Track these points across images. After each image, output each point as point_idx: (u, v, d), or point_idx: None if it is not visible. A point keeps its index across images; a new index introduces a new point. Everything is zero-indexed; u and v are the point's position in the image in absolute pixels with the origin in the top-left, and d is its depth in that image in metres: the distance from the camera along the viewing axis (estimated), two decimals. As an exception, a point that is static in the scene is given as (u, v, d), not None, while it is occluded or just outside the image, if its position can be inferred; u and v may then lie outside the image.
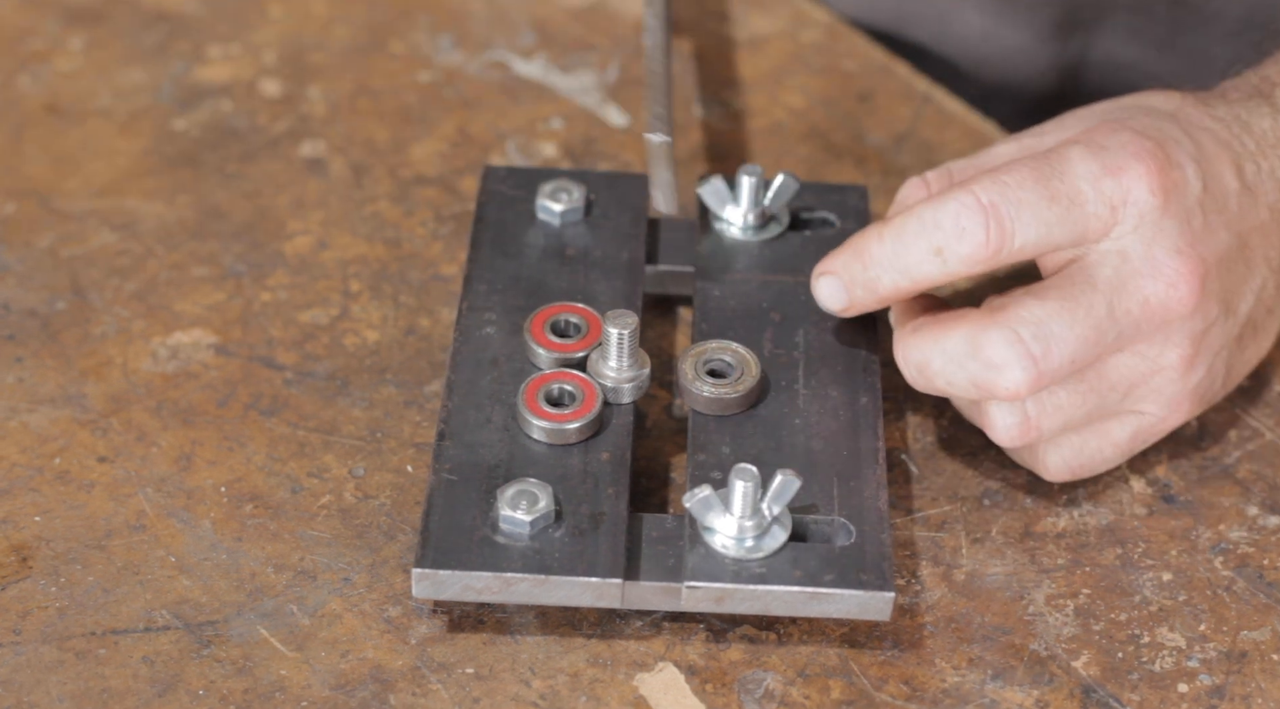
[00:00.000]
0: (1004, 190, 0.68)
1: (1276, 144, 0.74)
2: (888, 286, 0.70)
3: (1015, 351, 0.68)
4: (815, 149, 0.90)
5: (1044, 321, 0.68)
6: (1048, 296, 0.69)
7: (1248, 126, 0.74)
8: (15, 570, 0.71)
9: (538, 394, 0.72)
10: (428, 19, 0.96)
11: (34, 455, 0.75)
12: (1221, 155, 0.72)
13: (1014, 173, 0.69)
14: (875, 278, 0.70)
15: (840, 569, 0.67)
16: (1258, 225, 0.72)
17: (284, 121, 0.90)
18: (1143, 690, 0.69)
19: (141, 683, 0.68)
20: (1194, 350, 0.71)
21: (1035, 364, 0.68)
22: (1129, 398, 0.71)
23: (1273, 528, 0.74)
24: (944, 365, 0.69)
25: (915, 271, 0.69)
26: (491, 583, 0.67)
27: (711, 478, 0.70)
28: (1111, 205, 0.69)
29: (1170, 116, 0.73)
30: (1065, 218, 0.69)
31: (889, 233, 0.69)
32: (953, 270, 0.69)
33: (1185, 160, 0.71)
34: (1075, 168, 0.69)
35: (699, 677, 0.69)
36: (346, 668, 0.69)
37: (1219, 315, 0.71)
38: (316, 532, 0.73)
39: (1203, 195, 0.71)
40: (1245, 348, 0.74)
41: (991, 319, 0.69)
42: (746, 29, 0.97)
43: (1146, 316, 0.69)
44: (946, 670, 0.69)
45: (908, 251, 0.69)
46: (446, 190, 0.87)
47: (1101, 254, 0.69)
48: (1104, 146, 0.69)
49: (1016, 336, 0.68)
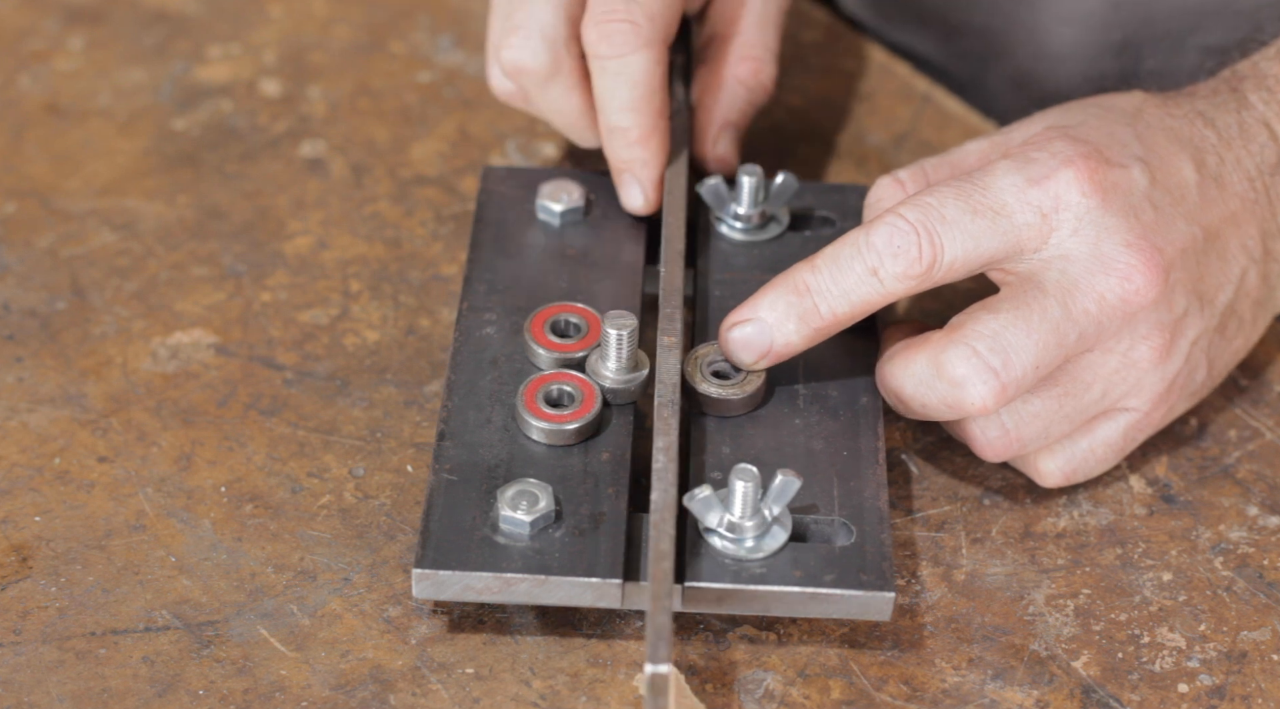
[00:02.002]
0: (929, 209, 0.70)
1: (1241, 136, 0.75)
2: (825, 314, 0.71)
3: (974, 365, 0.69)
4: (815, 149, 0.90)
5: (999, 333, 0.69)
6: (1000, 309, 0.70)
7: (1211, 121, 0.75)
8: (15, 570, 0.71)
9: (537, 395, 0.72)
10: (428, 19, 0.96)
11: (34, 455, 0.75)
12: (1176, 151, 0.73)
13: (938, 193, 0.70)
14: (812, 307, 0.71)
15: (840, 569, 0.67)
16: (1228, 215, 0.73)
17: (284, 121, 0.90)
18: (1143, 690, 0.69)
19: (141, 683, 0.68)
20: (1166, 341, 0.71)
21: (996, 376, 0.69)
22: (1108, 396, 0.72)
23: (1273, 528, 0.74)
24: (915, 389, 0.71)
25: (854, 294, 0.70)
26: (491, 583, 0.67)
27: (712, 478, 0.70)
28: (1042, 213, 0.70)
29: (1128, 117, 0.74)
30: (992, 230, 0.70)
31: (823, 261, 0.71)
32: (889, 289, 0.70)
33: (1127, 159, 0.72)
34: (999, 182, 0.70)
35: (699, 677, 0.69)
36: (346, 668, 0.69)
37: (1190, 306, 0.72)
38: (316, 532, 0.73)
39: (1150, 190, 0.71)
40: (1231, 339, 0.74)
41: (949, 338, 0.70)
42: (746, 29, 0.97)
43: (1106, 312, 0.70)
44: (946, 670, 0.69)
45: (845, 275, 0.70)
46: (446, 190, 0.87)
47: (1045, 261, 0.70)
48: (1031, 158, 0.71)
49: (973, 351, 0.69)
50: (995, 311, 0.70)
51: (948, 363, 0.69)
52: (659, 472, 0.68)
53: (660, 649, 0.62)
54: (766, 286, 0.72)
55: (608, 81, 0.77)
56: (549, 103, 0.80)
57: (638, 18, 0.76)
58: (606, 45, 0.76)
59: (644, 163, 0.78)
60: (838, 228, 0.81)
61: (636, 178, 0.79)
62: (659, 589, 0.64)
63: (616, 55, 0.76)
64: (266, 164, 0.88)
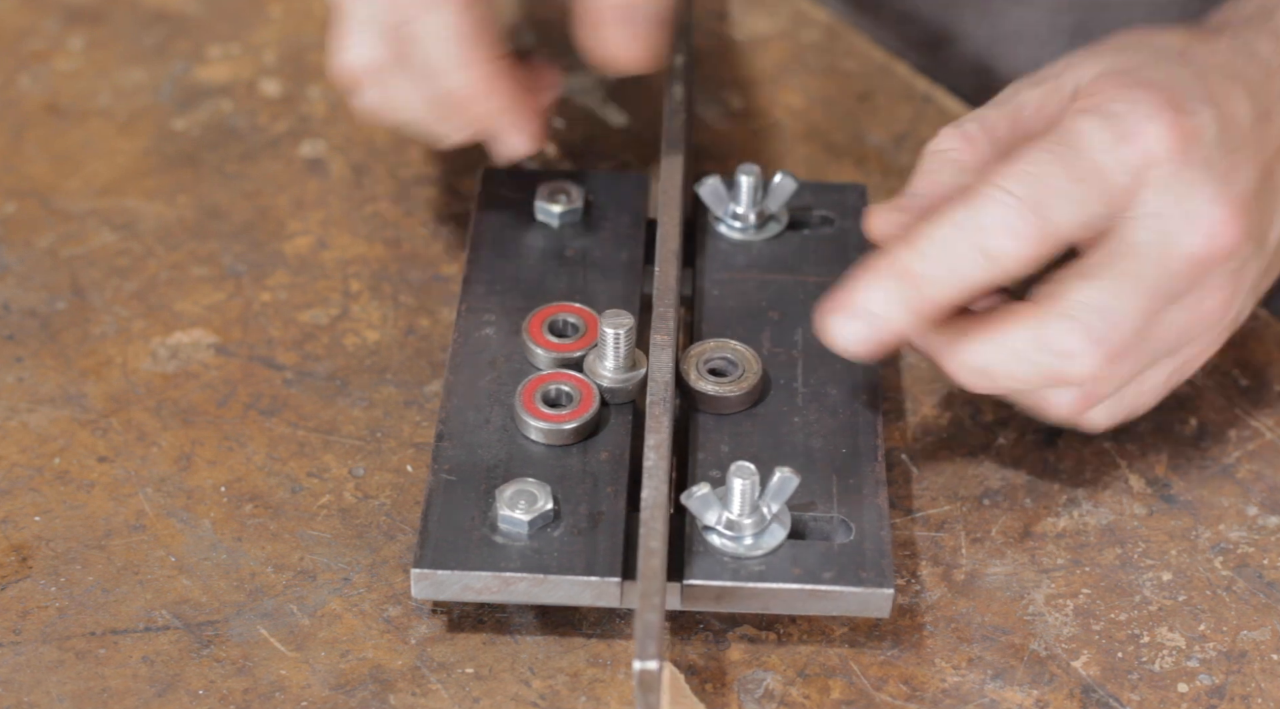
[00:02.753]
0: (1034, 181, 0.67)
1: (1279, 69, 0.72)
2: (936, 300, 0.68)
3: (1081, 338, 0.67)
4: (815, 149, 0.90)
5: (1101, 302, 0.67)
6: (1097, 276, 0.67)
7: (1252, 54, 0.72)
8: (15, 570, 0.71)
9: (535, 395, 0.72)
10: (428, 19, 0.96)
11: (34, 455, 0.75)
12: (1231, 89, 0.70)
13: (1034, 161, 0.67)
14: (925, 296, 0.67)
15: (839, 566, 0.67)
16: (1276, 151, 0.71)
17: (284, 121, 0.90)
18: (1142, 690, 0.69)
19: (141, 683, 0.68)
20: (1232, 290, 0.69)
21: (1101, 345, 0.67)
22: (1171, 347, 0.70)
23: (1272, 528, 0.74)
24: (1012, 364, 0.68)
25: (966, 277, 0.67)
26: (490, 583, 0.67)
27: (710, 476, 0.70)
28: (1133, 171, 0.67)
29: (1179, 56, 0.71)
30: (1093, 194, 0.67)
31: (927, 244, 0.67)
32: (1004, 270, 0.67)
33: (1198, 106, 0.69)
34: (1089, 141, 0.67)
35: (699, 676, 0.69)
36: (346, 668, 0.69)
37: (1253, 250, 0.70)
38: (316, 531, 0.73)
39: (1220, 135, 0.69)
40: (1270, 274, 0.73)
41: (1050, 310, 0.67)
42: (746, 29, 0.97)
43: (1192, 269, 0.68)
44: (946, 670, 0.69)
45: (953, 257, 0.67)
46: (446, 190, 0.87)
47: (1135, 220, 0.68)
48: (1114, 113, 0.68)
49: (1079, 323, 0.67)
50: (1092, 279, 0.67)
51: (1053, 336, 0.67)
52: (650, 469, 0.68)
53: (649, 645, 0.62)
54: (866, 275, 0.68)
55: (424, 49, 0.73)
56: (400, 98, 0.75)
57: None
58: (405, 10, 0.72)
59: (497, 114, 0.75)
60: (837, 227, 0.81)
61: (500, 130, 0.75)
62: (648, 586, 0.64)
63: (416, 18, 0.73)
64: (266, 164, 0.88)
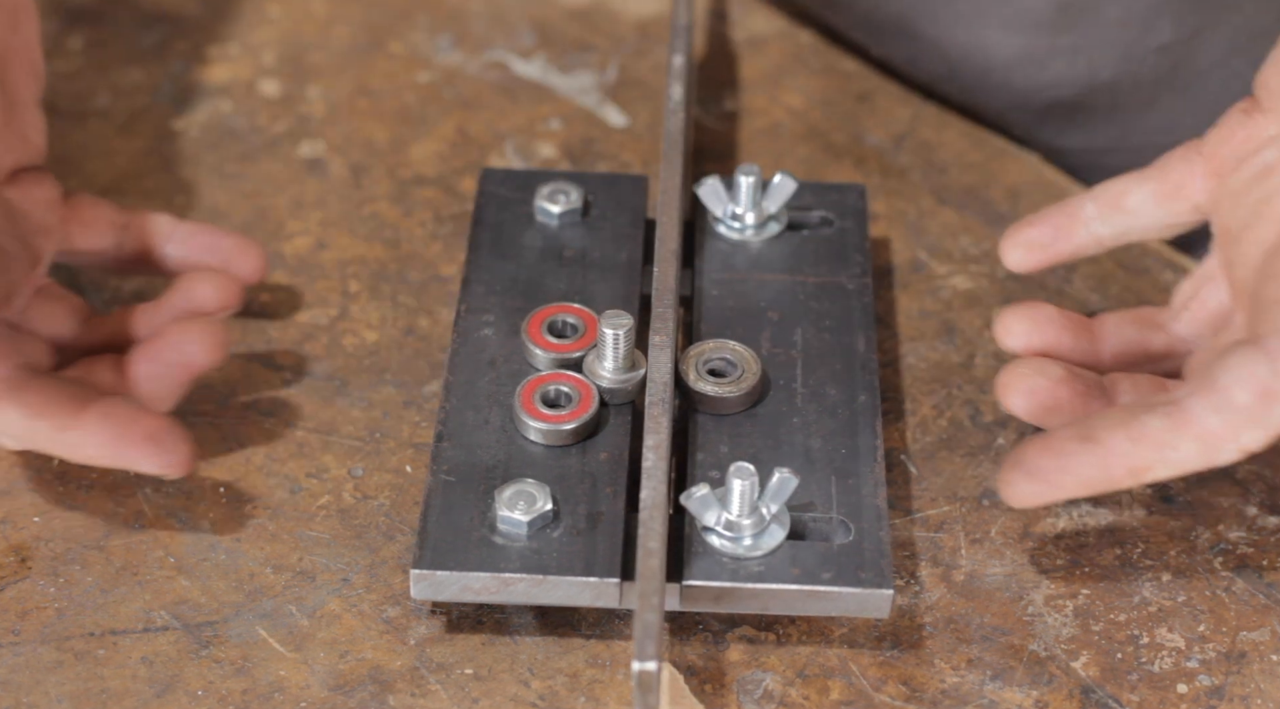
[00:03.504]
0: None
1: None
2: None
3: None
4: (814, 149, 0.90)
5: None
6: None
7: None
8: (14, 571, 0.71)
9: (534, 395, 0.72)
10: (427, 19, 0.96)
11: (33, 455, 0.75)
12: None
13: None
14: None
15: (838, 567, 0.67)
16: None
17: (283, 122, 0.90)
18: (1142, 691, 0.69)
19: (140, 683, 0.68)
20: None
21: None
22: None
23: (1272, 528, 0.74)
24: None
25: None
26: (490, 583, 0.67)
27: (710, 477, 0.70)
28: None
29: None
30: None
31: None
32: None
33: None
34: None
35: (698, 677, 0.69)
36: (345, 668, 0.69)
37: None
38: (315, 532, 0.73)
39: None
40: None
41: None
42: (745, 29, 0.97)
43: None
44: (946, 671, 0.69)
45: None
46: (445, 191, 0.87)
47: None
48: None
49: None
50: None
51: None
52: (648, 470, 0.68)
53: (647, 646, 0.62)
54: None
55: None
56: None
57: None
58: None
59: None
60: (836, 227, 0.81)
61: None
62: (646, 586, 0.64)
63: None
64: (265, 164, 0.88)
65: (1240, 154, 0.72)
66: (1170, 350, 0.75)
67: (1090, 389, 0.72)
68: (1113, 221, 0.76)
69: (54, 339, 0.76)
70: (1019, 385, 0.71)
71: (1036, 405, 0.71)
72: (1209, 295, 0.74)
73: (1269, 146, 0.72)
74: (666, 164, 0.79)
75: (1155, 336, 0.75)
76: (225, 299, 0.76)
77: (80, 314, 0.77)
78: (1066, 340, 0.74)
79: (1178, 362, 0.75)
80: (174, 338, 0.73)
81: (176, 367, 0.73)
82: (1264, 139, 0.72)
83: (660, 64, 0.94)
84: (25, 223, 0.75)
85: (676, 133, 0.80)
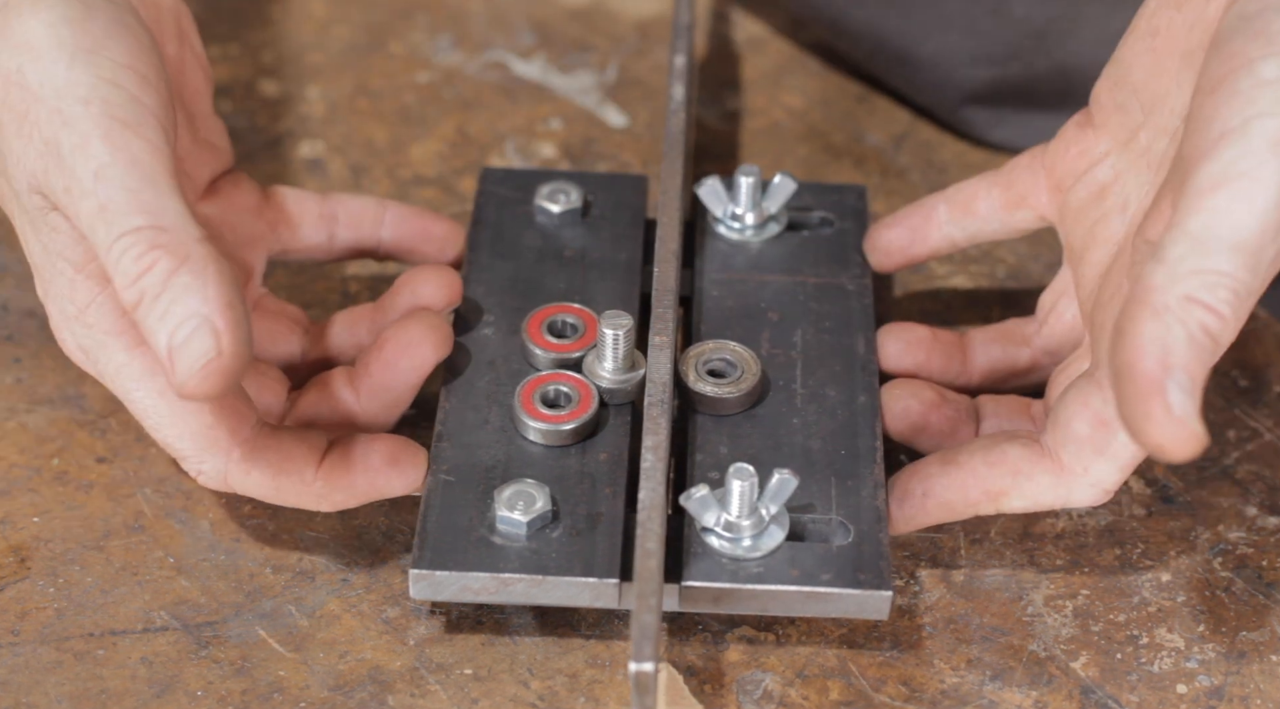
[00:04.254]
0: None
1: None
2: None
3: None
4: (814, 149, 0.90)
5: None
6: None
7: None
8: (14, 571, 0.71)
9: (534, 395, 0.72)
10: (427, 19, 0.96)
11: (32, 456, 0.75)
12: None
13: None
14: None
15: (838, 568, 0.67)
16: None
17: (283, 122, 0.90)
18: (1141, 691, 0.69)
19: (140, 684, 0.68)
20: None
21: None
22: None
23: (1271, 528, 0.74)
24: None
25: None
26: (489, 583, 0.67)
27: (709, 478, 0.70)
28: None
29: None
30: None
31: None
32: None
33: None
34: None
35: (697, 678, 0.69)
36: (345, 669, 0.69)
37: None
38: (315, 532, 0.73)
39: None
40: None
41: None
42: (745, 29, 0.97)
43: None
44: (945, 671, 0.69)
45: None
46: (445, 191, 0.87)
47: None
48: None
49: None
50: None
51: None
52: (647, 471, 0.68)
53: (645, 647, 0.62)
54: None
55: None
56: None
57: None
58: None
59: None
60: (836, 228, 0.81)
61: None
62: (644, 587, 0.64)
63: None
64: (265, 164, 0.88)
65: (1077, 170, 0.73)
66: (1035, 364, 0.76)
67: (960, 413, 0.73)
68: (963, 225, 0.77)
69: (283, 360, 0.75)
70: (892, 407, 0.73)
71: (908, 427, 0.73)
72: (1065, 309, 0.75)
73: (1101, 163, 0.72)
74: (666, 164, 0.79)
75: (1020, 352, 0.76)
76: (450, 296, 0.75)
77: (301, 326, 0.75)
78: (937, 361, 0.76)
79: (1044, 373, 0.76)
80: (401, 339, 0.71)
81: (409, 371, 0.71)
82: (1097, 155, 0.72)
83: (660, 64, 0.94)
84: (232, 235, 0.74)
85: (676, 133, 0.80)
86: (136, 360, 0.67)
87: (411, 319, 0.72)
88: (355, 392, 0.72)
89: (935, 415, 0.73)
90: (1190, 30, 0.68)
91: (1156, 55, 0.69)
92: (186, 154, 0.73)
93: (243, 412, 0.68)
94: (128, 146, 0.64)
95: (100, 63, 0.65)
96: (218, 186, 0.75)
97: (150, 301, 0.63)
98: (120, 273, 0.63)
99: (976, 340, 0.76)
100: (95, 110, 0.64)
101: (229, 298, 0.62)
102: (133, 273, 0.63)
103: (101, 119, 0.64)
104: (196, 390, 0.62)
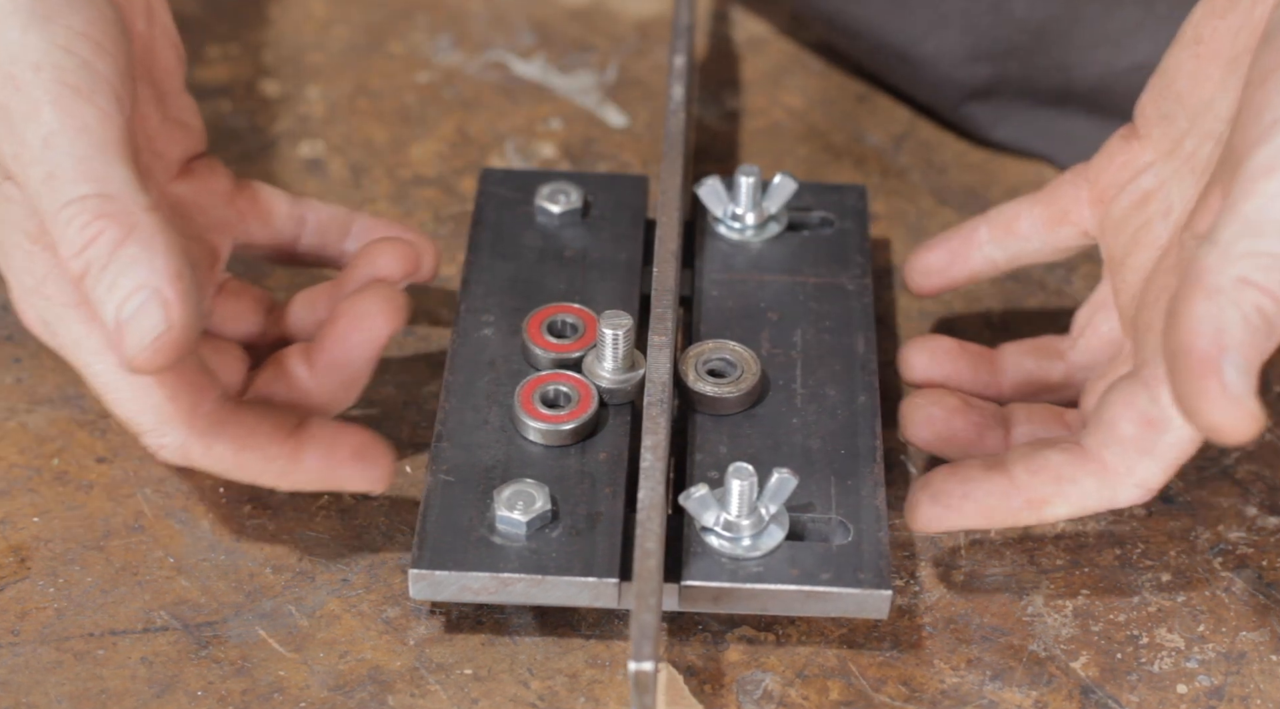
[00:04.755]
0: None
1: None
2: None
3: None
4: (814, 149, 0.90)
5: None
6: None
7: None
8: (14, 571, 0.71)
9: (533, 395, 0.72)
10: (427, 19, 0.96)
11: (32, 456, 0.75)
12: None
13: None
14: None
15: (837, 568, 0.67)
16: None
17: (283, 122, 0.90)
18: (1141, 691, 0.69)
19: (140, 684, 0.68)
20: None
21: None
22: None
23: (1272, 529, 0.74)
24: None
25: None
26: (488, 583, 0.67)
27: (709, 477, 0.70)
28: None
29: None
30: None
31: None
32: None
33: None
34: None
35: (697, 677, 0.69)
36: (345, 669, 0.69)
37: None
38: (315, 532, 0.73)
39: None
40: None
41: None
42: (745, 29, 0.97)
43: None
44: (945, 671, 0.69)
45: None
46: (445, 191, 0.87)
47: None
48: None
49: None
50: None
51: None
52: (646, 470, 0.68)
53: (644, 646, 0.62)
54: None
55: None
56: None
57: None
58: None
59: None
60: (836, 228, 0.81)
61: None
62: (644, 586, 0.64)
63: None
64: (265, 164, 0.88)
65: (1120, 181, 0.73)
66: (1068, 379, 0.75)
67: (987, 419, 0.73)
68: (1005, 245, 0.77)
69: (243, 338, 0.74)
70: (915, 415, 0.73)
71: (933, 435, 0.72)
72: (1102, 322, 0.75)
73: (1145, 173, 0.72)
74: (666, 164, 0.79)
75: (1054, 366, 0.76)
76: (407, 267, 0.74)
77: (264, 306, 0.75)
78: (965, 372, 0.75)
79: (1077, 390, 0.75)
80: (354, 312, 0.70)
81: (361, 344, 0.70)
82: (1141, 165, 0.72)
83: (660, 64, 0.94)
84: (201, 218, 0.73)
85: (676, 133, 0.80)
86: (95, 333, 0.66)
87: (366, 291, 0.70)
88: (310, 367, 0.70)
89: (959, 421, 0.72)
90: (1236, 35, 0.68)
91: (1200, 62, 0.69)
92: (156, 132, 0.72)
93: (203, 385, 0.67)
94: (78, 113, 0.63)
95: (55, 30, 0.64)
96: (192, 168, 0.74)
97: (97, 272, 0.61)
98: (66, 242, 0.62)
99: (1008, 353, 0.76)
100: (46, 77, 0.63)
101: (177, 267, 0.61)
102: (78, 242, 0.61)
103: (52, 85, 0.63)
104: (147, 364, 0.61)
